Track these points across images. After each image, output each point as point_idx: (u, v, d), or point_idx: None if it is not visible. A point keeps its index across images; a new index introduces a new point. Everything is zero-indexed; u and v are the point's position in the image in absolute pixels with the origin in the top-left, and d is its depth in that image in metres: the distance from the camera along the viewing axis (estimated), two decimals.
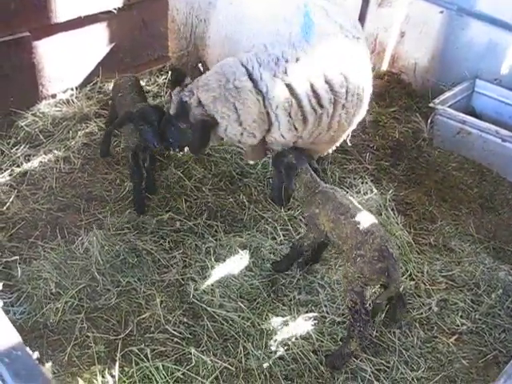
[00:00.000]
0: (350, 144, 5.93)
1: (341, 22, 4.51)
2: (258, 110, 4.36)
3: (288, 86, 4.29)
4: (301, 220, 5.44)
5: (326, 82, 4.33)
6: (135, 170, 5.37)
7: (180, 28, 5.65)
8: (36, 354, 1.83)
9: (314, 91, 4.32)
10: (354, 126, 4.91)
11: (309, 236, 4.68)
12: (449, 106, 6.72)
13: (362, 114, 4.81)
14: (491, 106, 7.07)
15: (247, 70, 4.34)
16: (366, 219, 4.26)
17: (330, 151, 5.32)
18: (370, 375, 4.28)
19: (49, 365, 3.53)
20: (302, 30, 4.36)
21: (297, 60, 4.29)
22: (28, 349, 1.77)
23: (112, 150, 6.09)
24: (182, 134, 4.70)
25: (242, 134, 4.49)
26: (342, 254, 4.54)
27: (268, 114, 4.41)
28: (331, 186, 4.69)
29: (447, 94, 6.89)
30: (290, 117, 4.39)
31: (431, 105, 6.73)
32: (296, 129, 4.49)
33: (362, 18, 7.79)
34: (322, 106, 4.40)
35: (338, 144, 5.19)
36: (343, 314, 4.64)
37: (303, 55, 4.29)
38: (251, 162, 5.74)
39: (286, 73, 4.26)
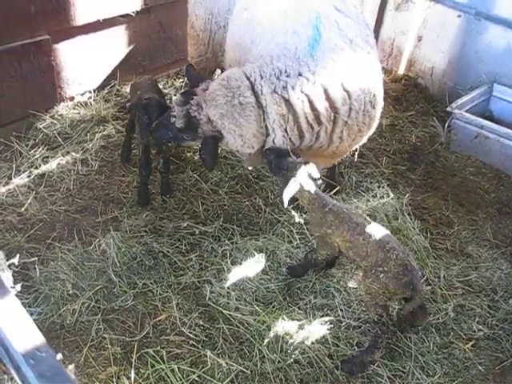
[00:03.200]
0: (356, 159, 5.90)
1: (351, 37, 4.45)
2: (258, 125, 4.38)
3: (286, 101, 4.28)
4: None
5: (327, 98, 4.29)
6: (144, 164, 5.46)
7: (199, 34, 5.68)
8: (59, 356, 1.85)
9: (313, 108, 4.30)
10: (362, 142, 4.88)
11: (322, 253, 4.67)
12: (466, 111, 6.68)
13: (371, 130, 4.77)
14: (509, 111, 7.01)
15: (251, 82, 4.34)
16: (384, 236, 4.24)
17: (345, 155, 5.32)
18: (385, 380, 4.26)
19: (72, 366, 3.55)
20: (309, 43, 4.32)
21: (299, 75, 4.25)
22: (52, 350, 1.79)
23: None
24: (175, 138, 4.71)
25: (242, 146, 4.51)
26: (358, 267, 4.53)
27: (266, 126, 4.43)
28: (338, 203, 4.58)
29: (465, 99, 6.85)
30: (286, 132, 4.40)
31: (448, 109, 6.69)
32: (292, 143, 4.49)
33: (379, 22, 7.81)
34: (319, 123, 4.38)
35: (343, 157, 5.19)
36: (359, 319, 4.63)
37: (306, 70, 4.26)
38: (250, 168, 5.74)
39: (285, 88, 4.25)
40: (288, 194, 4.32)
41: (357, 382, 4.24)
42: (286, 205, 4.34)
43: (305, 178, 4.36)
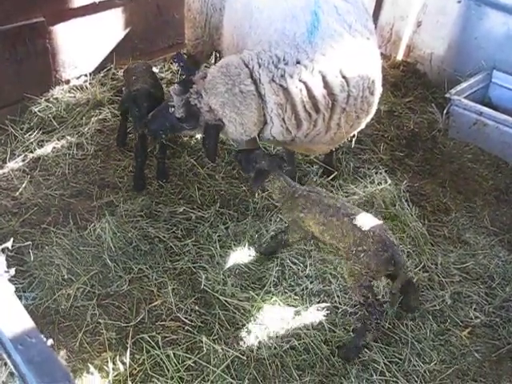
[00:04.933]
0: (353, 145, 5.86)
1: (350, 22, 4.38)
2: (259, 113, 4.34)
3: (285, 90, 4.22)
4: None
5: (325, 86, 4.24)
6: (140, 149, 5.42)
7: (196, 17, 5.62)
8: (50, 341, 1.81)
9: (310, 96, 4.24)
10: (359, 128, 4.83)
11: (294, 236, 4.65)
12: (465, 97, 6.64)
13: (369, 116, 4.72)
14: (508, 98, 6.97)
15: (249, 70, 4.28)
16: (359, 214, 4.24)
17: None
18: (382, 367, 4.25)
19: (63, 352, 3.52)
20: (308, 29, 4.26)
21: (297, 63, 4.20)
22: (42, 336, 1.76)
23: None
24: (173, 127, 4.65)
25: (242, 134, 4.47)
26: (336, 250, 4.51)
27: (264, 114, 4.38)
28: (309, 187, 4.63)
29: (463, 85, 6.80)
30: (284, 121, 4.36)
31: (447, 95, 6.65)
32: (290, 132, 4.45)
33: (378, 7, 7.74)
34: (317, 111, 4.34)
35: (340, 143, 5.18)
36: (356, 305, 4.59)
37: (304, 58, 4.20)
38: None
39: (283, 76, 4.19)
40: (258, 183, 4.55)
41: (353, 369, 4.22)
42: (256, 189, 4.73)
43: (274, 168, 4.50)
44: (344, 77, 4.28)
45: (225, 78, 4.28)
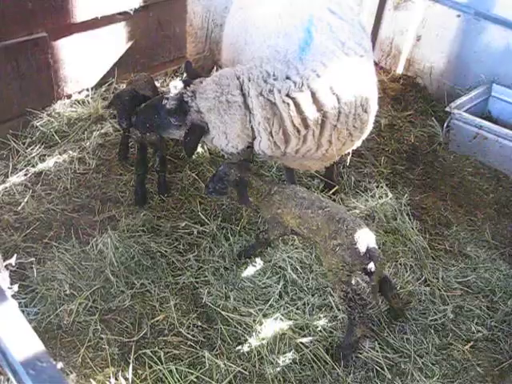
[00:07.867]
0: (348, 163, 5.88)
1: (344, 39, 4.42)
2: (243, 125, 4.37)
3: (273, 104, 4.27)
4: None
5: (315, 102, 4.27)
6: (140, 161, 5.45)
7: (197, 32, 5.67)
8: (60, 365, 1.81)
9: (299, 112, 4.27)
10: (354, 146, 4.86)
11: (274, 233, 4.70)
12: (465, 111, 6.67)
13: (363, 134, 4.75)
14: (508, 111, 7.00)
15: (240, 83, 4.35)
16: (333, 208, 4.30)
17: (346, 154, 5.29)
18: (387, 381, 4.26)
19: (73, 376, 3.50)
20: (300, 46, 4.31)
21: (286, 78, 4.24)
22: (52, 359, 1.75)
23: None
24: (160, 120, 4.63)
25: (226, 144, 4.51)
26: (315, 244, 4.55)
27: (252, 128, 4.42)
28: (282, 184, 4.74)
29: (463, 99, 6.83)
30: (271, 135, 4.39)
31: (447, 109, 6.68)
32: (278, 146, 4.48)
33: (377, 21, 7.79)
34: (306, 127, 4.37)
35: (335, 160, 5.19)
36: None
37: (294, 74, 4.24)
38: None
39: (272, 91, 4.23)
40: (245, 194, 4.57)
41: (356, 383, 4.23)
42: (247, 200, 4.64)
43: (245, 172, 4.61)
44: (334, 93, 4.30)
45: (215, 85, 4.36)
